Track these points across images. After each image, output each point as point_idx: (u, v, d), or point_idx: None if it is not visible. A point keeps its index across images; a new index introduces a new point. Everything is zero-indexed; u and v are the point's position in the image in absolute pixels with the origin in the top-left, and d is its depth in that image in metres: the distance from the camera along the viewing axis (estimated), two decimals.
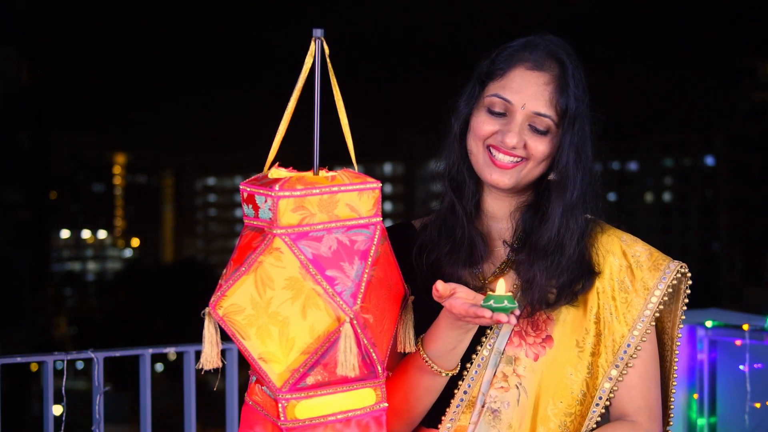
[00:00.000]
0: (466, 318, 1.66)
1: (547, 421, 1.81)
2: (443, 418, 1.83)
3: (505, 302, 1.60)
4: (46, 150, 41.69)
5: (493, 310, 1.60)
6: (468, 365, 1.83)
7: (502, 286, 1.64)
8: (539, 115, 1.81)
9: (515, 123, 1.81)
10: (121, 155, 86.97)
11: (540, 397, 1.82)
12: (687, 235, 64.82)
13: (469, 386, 1.82)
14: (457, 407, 1.82)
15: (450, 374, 1.78)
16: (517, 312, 1.62)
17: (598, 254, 1.88)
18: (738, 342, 3.32)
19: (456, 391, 1.83)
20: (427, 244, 1.88)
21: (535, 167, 1.83)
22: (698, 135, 65.48)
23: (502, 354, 1.83)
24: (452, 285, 1.68)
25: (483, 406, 1.82)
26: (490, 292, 1.63)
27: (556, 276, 1.81)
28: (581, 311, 1.85)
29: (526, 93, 1.81)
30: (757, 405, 3.28)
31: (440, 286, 1.67)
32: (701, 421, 3.50)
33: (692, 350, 3.50)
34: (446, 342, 1.74)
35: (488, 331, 1.84)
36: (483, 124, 1.83)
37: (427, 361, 1.76)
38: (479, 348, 1.83)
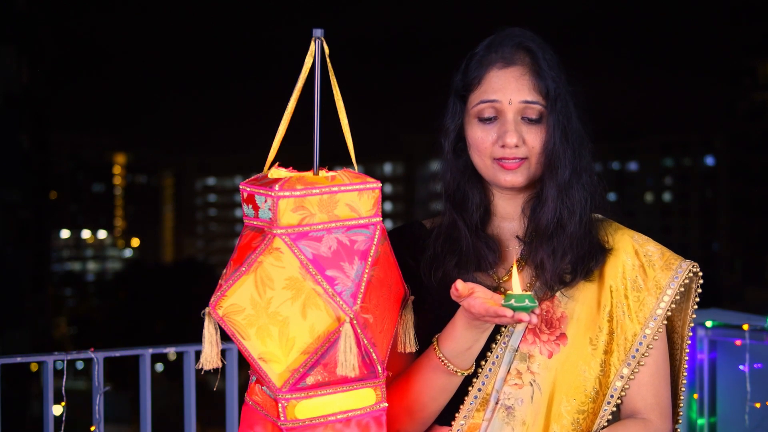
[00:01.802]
0: (485, 317, 1.66)
1: (560, 419, 1.82)
2: (457, 415, 1.83)
3: (526, 301, 1.61)
4: (46, 150, 41.66)
5: (514, 309, 1.61)
6: (482, 362, 1.83)
7: (516, 283, 1.65)
8: (528, 103, 1.82)
9: (509, 121, 1.82)
10: (121, 155, 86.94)
11: (554, 394, 1.82)
12: (687, 235, 64.77)
13: (483, 383, 1.83)
14: (471, 404, 1.83)
15: (465, 373, 1.78)
16: (537, 311, 1.63)
17: (607, 234, 1.90)
18: (738, 342, 3.31)
19: (470, 388, 1.83)
20: (433, 259, 1.88)
21: (539, 159, 1.84)
22: (698, 135, 65.43)
23: (517, 351, 1.84)
24: (471, 284, 1.68)
25: (497, 403, 1.82)
26: (509, 292, 1.64)
27: (563, 255, 1.83)
28: (595, 309, 1.86)
29: (509, 88, 1.82)
30: (757, 405, 3.28)
31: (460, 285, 1.67)
32: (701, 421, 3.50)
33: (692, 350, 3.50)
34: (463, 341, 1.75)
35: (503, 329, 1.85)
36: (481, 137, 1.84)
37: (443, 361, 1.76)
38: (494, 345, 1.84)
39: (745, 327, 3.28)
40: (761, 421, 3.30)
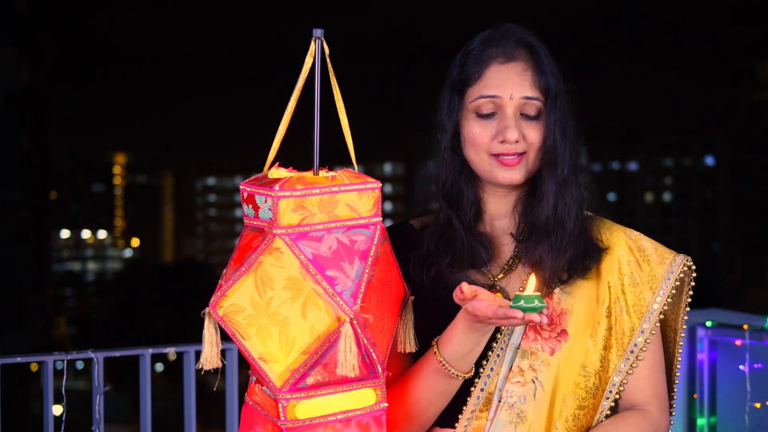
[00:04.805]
0: (491, 320, 1.64)
1: (562, 415, 1.82)
2: (460, 416, 1.82)
3: (536, 302, 1.60)
4: (46, 150, 41.67)
5: (524, 310, 1.60)
6: (484, 363, 1.82)
7: (532, 284, 1.65)
8: (529, 99, 1.81)
9: (509, 117, 1.81)
10: (121, 155, 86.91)
11: (556, 390, 1.82)
12: (687, 235, 64.73)
13: (486, 383, 1.82)
14: (474, 405, 1.82)
15: (466, 377, 1.77)
16: (546, 311, 1.62)
17: (601, 233, 1.90)
18: (738, 342, 3.32)
19: (473, 389, 1.82)
20: (426, 256, 1.87)
21: (537, 155, 1.84)
22: (698, 135, 65.40)
23: (518, 349, 1.83)
24: (474, 287, 1.66)
25: (500, 401, 1.82)
26: (518, 293, 1.63)
27: (562, 252, 1.82)
28: (594, 305, 1.86)
29: (510, 84, 1.81)
30: (757, 405, 3.28)
31: (466, 288, 1.65)
32: (701, 421, 3.50)
33: (692, 350, 3.50)
34: (464, 345, 1.73)
35: (503, 328, 1.83)
36: (479, 132, 1.83)
37: (444, 365, 1.75)
38: (494, 345, 1.83)
39: (745, 327, 3.28)
40: (761, 421, 3.30)
